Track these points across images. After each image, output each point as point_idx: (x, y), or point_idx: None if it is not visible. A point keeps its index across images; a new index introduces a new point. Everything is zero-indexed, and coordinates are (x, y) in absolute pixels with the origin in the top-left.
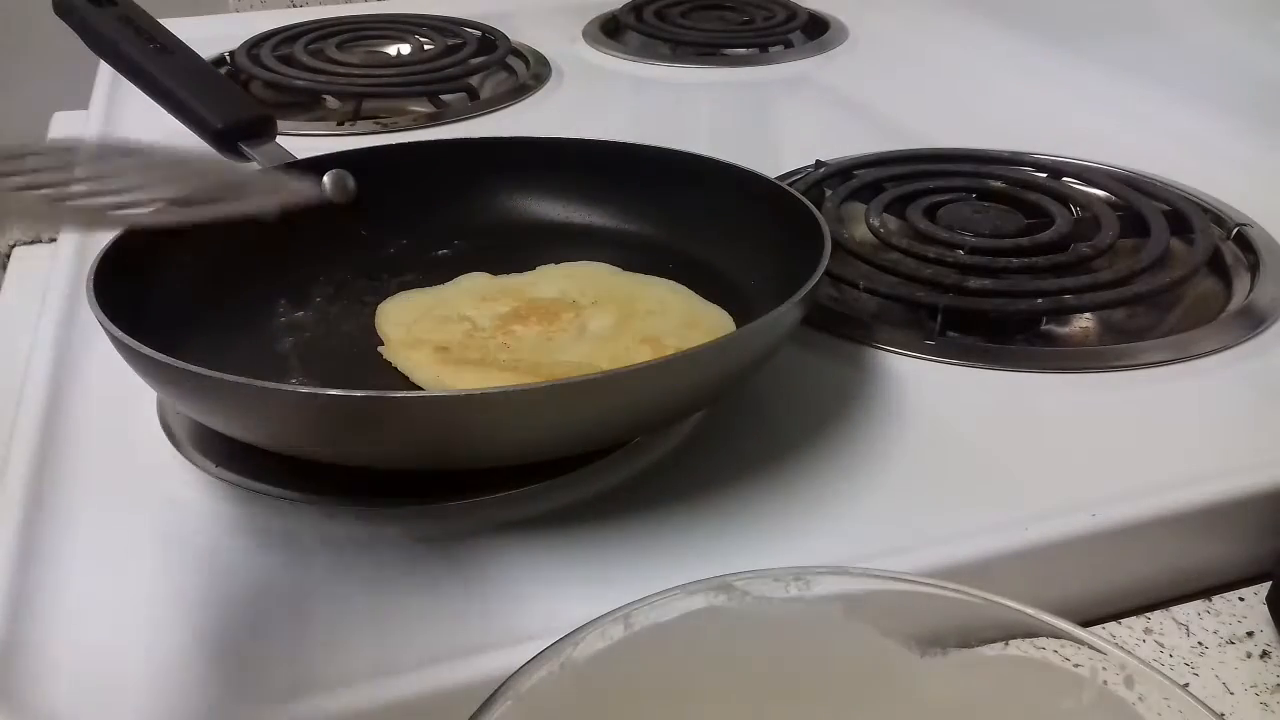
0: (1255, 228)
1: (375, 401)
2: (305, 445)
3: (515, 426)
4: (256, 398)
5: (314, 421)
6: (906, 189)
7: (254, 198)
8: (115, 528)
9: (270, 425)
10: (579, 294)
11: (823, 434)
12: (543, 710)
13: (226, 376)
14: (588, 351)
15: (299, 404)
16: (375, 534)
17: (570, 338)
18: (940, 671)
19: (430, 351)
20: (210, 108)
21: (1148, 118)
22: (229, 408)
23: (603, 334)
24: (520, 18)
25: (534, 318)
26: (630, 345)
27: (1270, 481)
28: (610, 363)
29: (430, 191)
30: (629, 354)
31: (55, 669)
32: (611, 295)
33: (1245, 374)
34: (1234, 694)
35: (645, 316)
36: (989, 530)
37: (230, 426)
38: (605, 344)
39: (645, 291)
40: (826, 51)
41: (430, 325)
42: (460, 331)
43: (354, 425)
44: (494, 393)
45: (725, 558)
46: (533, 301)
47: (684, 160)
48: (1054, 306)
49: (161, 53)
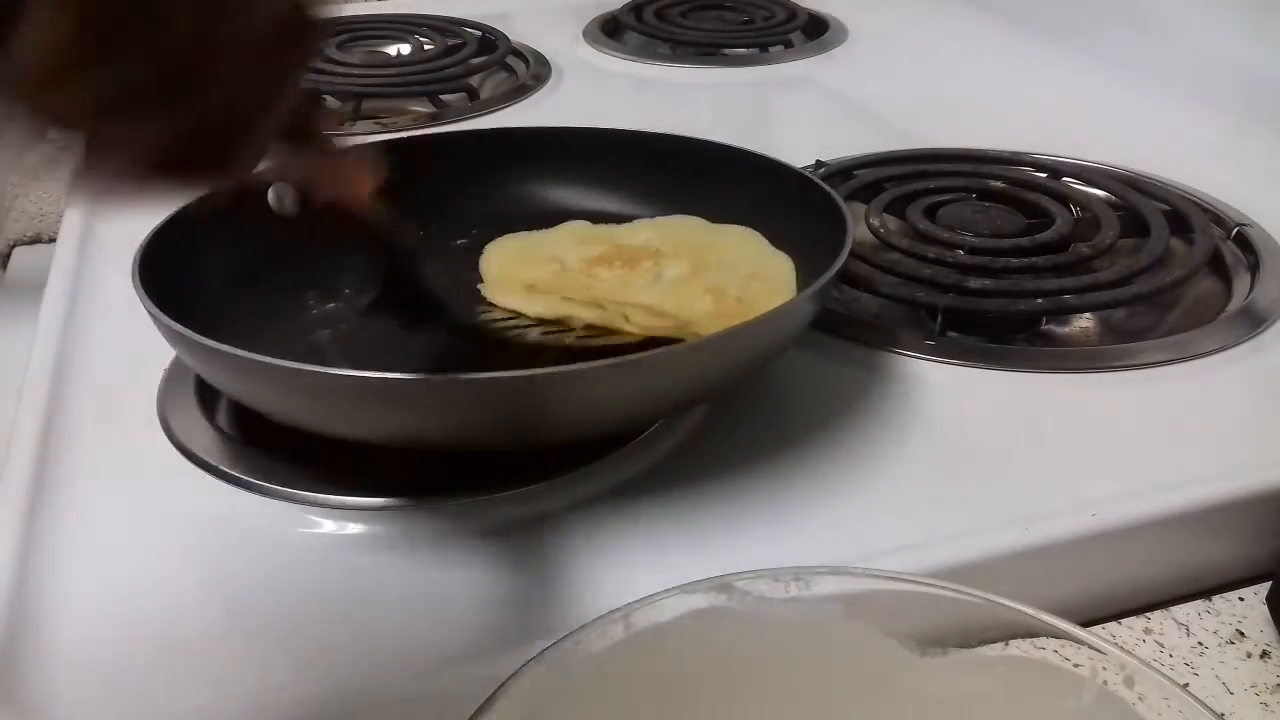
0: (1255, 228)
1: (416, 384)
2: (351, 427)
3: (539, 407)
4: (313, 382)
5: (367, 404)
6: (906, 189)
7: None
8: (116, 527)
9: (319, 408)
10: (662, 243)
11: (823, 434)
12: (543, 710)
13: (293, 364)
14: (657, 297)
15: (355, 388)
16: (373, 534)
17: (646, 283)
18: (940, 671)
19: (520, 287)
20: None
21: (1148, 118)
22: (291, 395)
23: (674, 281)
24: (520, 18)
25: (618, 262)
26: (695, 293)
27: (1270, 481)
28: (674, 308)
29: (446, 182)
30: (693, 301)
31: (54, 666)
32: (690, 246)
33: (1245, 374)
34: (1234, 694)
35: (715, 268)
36: (989, 530)
37: (289, 413)
38: (673, 290)
39: (721, 242)
40: (826, 51)
41: (525, 265)
42: (550, 271)
43: (406, 407)
44: (518, 376)
45: (725, 557)
46: (620, 247)
47: (704, 148)
48: (1054, 306)
49: None
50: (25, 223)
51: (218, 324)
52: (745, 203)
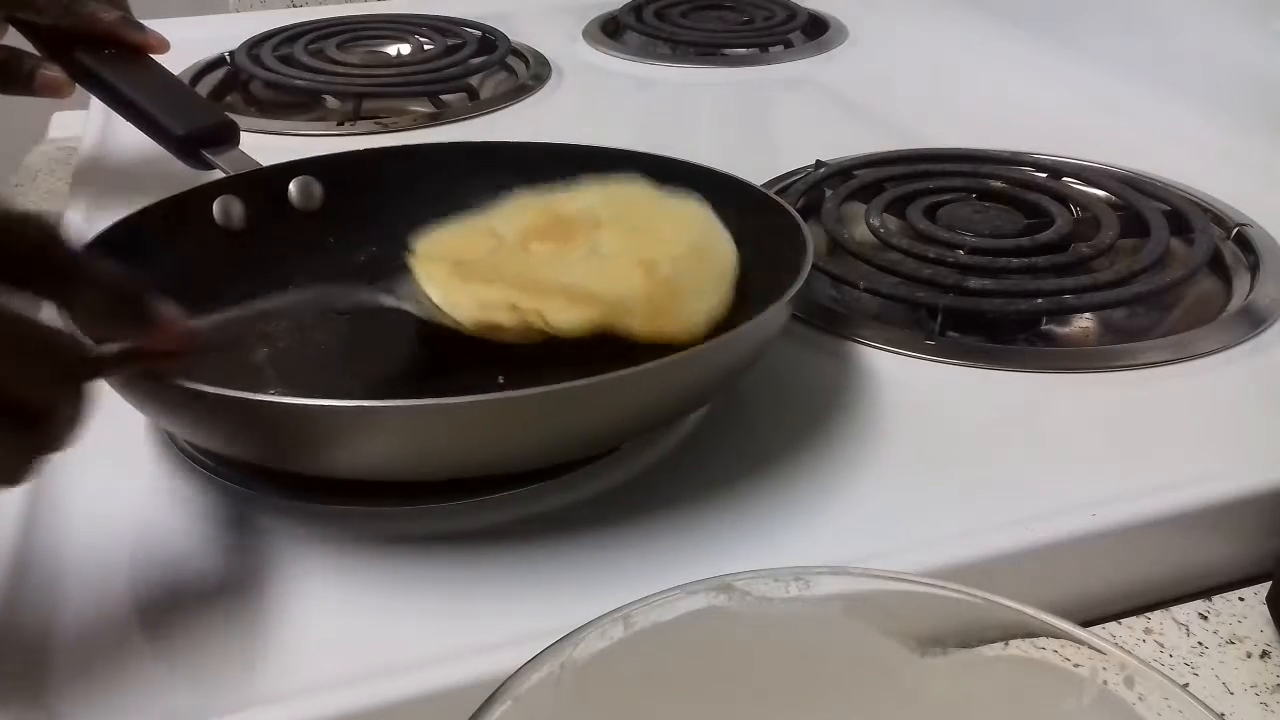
0: (1255, 228)
1: (334, 412)
2: (277, 456)
3: (484, 438)
4: (222, 408)
5: (283, 431)
6: (906, 189)
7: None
8: (117, 525)
9: (237, 434)
10: (604, 209)
11: (823, 434)
12: (542, 711)
13: (198, 386)
14: (584, 272)
15: (268, 413)
16: (374, 535)
17: (579, 256)
18: (940, 671)
19: (448, 266)
20: (171, 115)
21: (1148, 118)
22: (195, 419)
23: (607, 254)
24: (520, 18)
25: (553, 234)
26: (627, 266)
27: (1270, 481)
28: (602, 285)
29: (395, 197)
30: (622, 275)
31: (51, 665)
32: (631, 213)
33: (1245, 374)
34: (1234, 694)
35: (654, 239)
36: (989, 530)
37: (198, 436)
38: (603, 264)
39: (666, 211)
40: (826, 51)
41: (458, 238)
42: (484, 247)
43: (319, 436)
44: (460, 404)
45: (726, 557)
46: (558, 217)
47: (663, 165)
48: (1054, 306)
49: (120, 60)
50: None
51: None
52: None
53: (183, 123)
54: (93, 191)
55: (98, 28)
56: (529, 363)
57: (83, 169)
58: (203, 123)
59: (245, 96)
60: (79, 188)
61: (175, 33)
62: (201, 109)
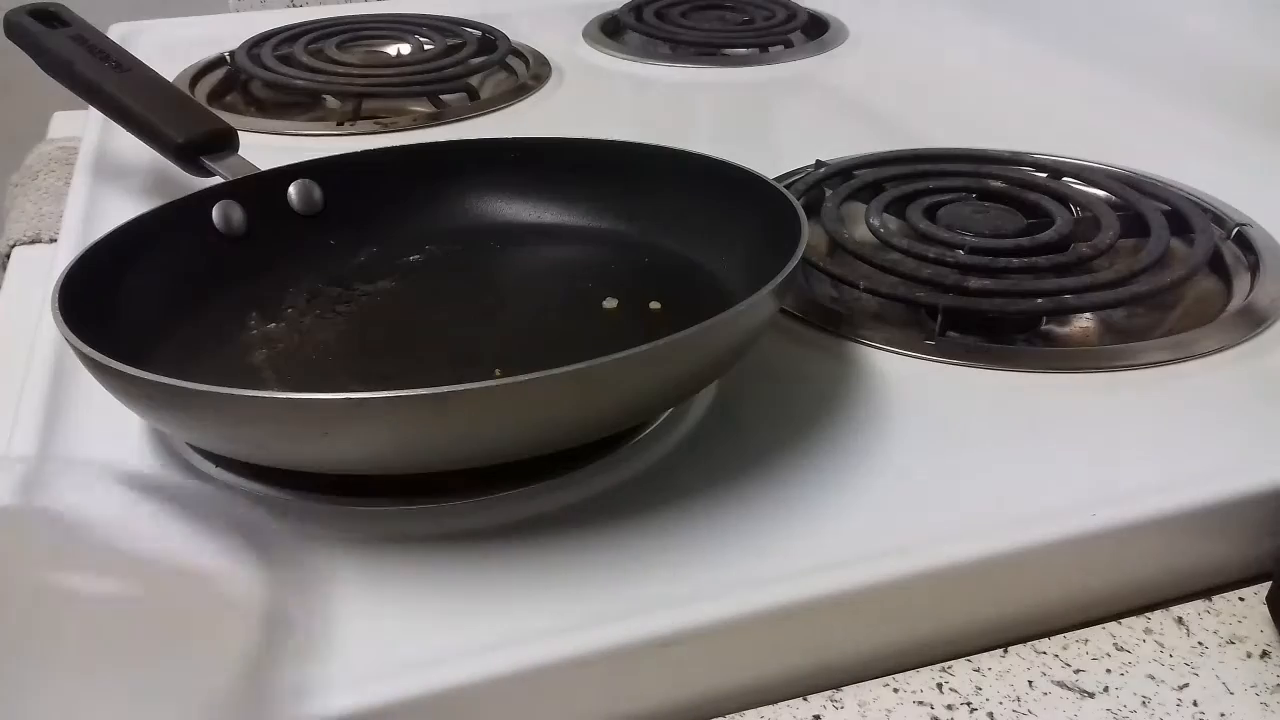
0: (1255, 228)
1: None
2: (270, 453)
3: (474, 426)
4: (215, 404)
5: (275, 426)
6: (906, 189)
7: None
8: (117, 525)
9: (228, 432)
10: None
11: (823, 434)
12: None
13: (188, 384)
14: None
15: (265, 409)
16: (373, 536)
17: None
18: None
19: None
20: (170, 123)
21: (1148, 118)
22: (190, 417)
23: None
24: (520, 18)
25: None
26: None
27: (1270, 481)
28: None
29: (396, 198)
30: None
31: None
32: None
33: (1245, 374)
34: (1234, 694)
35: None
36: (989, 530)
37: (193, 435)
38: None
39: None
40: (826, 51)
41: None
42: None
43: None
44: (449, 393)
45: (725, 556)
46: None
47: (655, 154)
48: (1054, 306)
49: (117, 70)
50: (25, 223)
51: (149, 348)
52: (705, 204)
53: (181, 131)
54: (93, 192)
55: None
56: (528, 361)
57: (83, 169)
58: (201, 130)
59: (245, 96)
60: (79, 188)
61: (175, 33)
62: (199, 117)
